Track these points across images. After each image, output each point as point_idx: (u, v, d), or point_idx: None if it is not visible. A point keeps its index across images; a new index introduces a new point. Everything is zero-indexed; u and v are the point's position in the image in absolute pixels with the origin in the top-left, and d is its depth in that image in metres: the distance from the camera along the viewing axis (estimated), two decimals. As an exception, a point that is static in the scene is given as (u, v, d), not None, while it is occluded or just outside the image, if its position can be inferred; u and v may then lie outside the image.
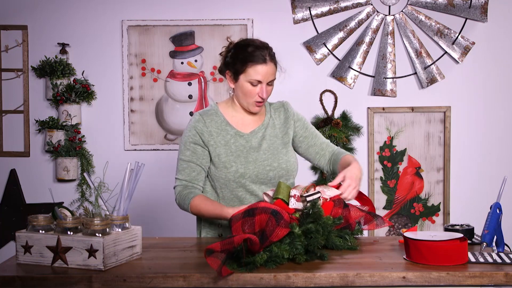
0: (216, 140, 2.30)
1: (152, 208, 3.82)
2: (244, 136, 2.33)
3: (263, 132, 2.36)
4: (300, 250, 1.84)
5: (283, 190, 2.06)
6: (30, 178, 3.82)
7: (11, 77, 3.81)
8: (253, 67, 2.22)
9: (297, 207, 2.02)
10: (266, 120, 2.39)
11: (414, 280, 1.76)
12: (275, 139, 2.36)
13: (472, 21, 3.73)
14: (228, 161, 2.28)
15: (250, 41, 2.29)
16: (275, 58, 2.28)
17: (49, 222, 1.94)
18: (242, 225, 1.89)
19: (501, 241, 1.98)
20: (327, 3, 3.75)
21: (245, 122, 2.36)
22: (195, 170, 2.29)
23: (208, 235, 2.39)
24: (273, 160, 2.32)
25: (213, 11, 3.76)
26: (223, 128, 2.33)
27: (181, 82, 3.79)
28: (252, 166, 2.29)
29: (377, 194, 3.80)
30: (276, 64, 2.28)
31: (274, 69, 2.26)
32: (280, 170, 2.33)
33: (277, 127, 2.39)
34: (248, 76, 2.23)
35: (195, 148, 2.29)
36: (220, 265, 1.71)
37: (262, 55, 2.22)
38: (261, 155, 2.31)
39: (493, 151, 3.80)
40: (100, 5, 3.78)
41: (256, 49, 2.23)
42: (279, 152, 2.34)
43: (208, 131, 2.30)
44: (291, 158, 2.36)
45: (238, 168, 2.28)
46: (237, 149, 2.30)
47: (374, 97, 3.78)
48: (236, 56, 2.26)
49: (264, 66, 2.22)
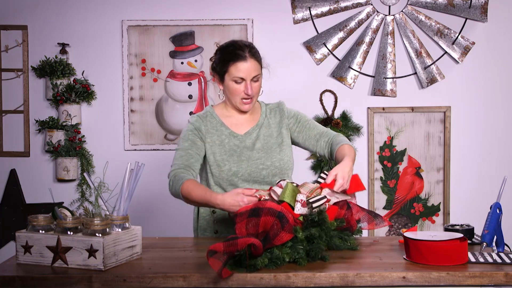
0: (212, 139, 2.36)
1: (152, 208, 3.82)
2: (238, 137, 2.38)
3: (257, 132, 2.40)
4: (301, 255, 1.84)
5: (289, 193, 2.03)
6: (30, 178, 3.82)
7: (11, 77, 3.81)
8: (234, 65, 2.29)
9: (303, 212, 2.01)
10: (260, 120, 2.44)
11: (414, 280, 1.76)
12: (269, 139, 2.40)
13: (472, 21, 3.73)
14: (222, 160, 2.33)
15: (232, 42, 2.37)
16: (258, 55, 2.35)
17: (49, 222, 1.95)
18: (247, 224, 1.88)
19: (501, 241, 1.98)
20: (327, 3, 3.75)
21: (239, 123, 2.42)
22: (193, 157, 2.32)
23: (205, 232, 2.41)
24: (266, 158, 2.36)
25: (213, 11, 3.76)
26: (218, 128, 2.39)
27: (181, 82, 3.79)
28: (245, 165, 2.33)
29: (377, 194, 3.80)
30: (258, 60, 2.34)
31: (256, 65, 2.32)
32: (274, 168, 2.36)
33: (272, 127, 2.43)
34: (231, 75, 2.30)
35: (195, 139, 2.35)
36: (221, 267, 1.70)
37: (242, 53, 2.29)
38: (254, 154, 2.36)
39: (493, 151, 3.79)
40: (100, 5, 3.78)
41: (236, 48, 2.31)
42: (273, 151, 2.38)
43: (205, 129, 2.37)
44: (285, 157, 2.39)
45: (231, 167, 2.33)
46: (231, 149, 2.35)
47: (374, 97, 3.78)
48: (219, 58, 2.35)
49: (244, 63, 2.29)
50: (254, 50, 2.34)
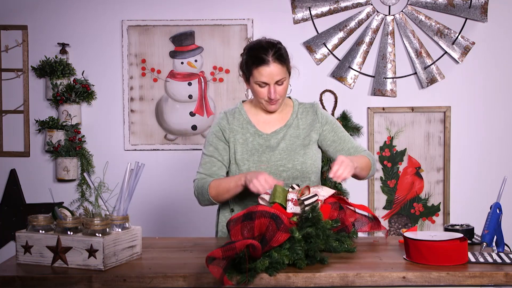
0: (236, 137, 2.34)
1: (152, 208, 3.82)
2: (263, 136, 2.35)
3: (284, 133, 2.36)
4: (300, 255, 1.82)
5: (280, 194, 2.04)
6: (30, 178, 3.82)
7: (11, 77, 3.81)
8: (257, 69, 2.25)
9: (295, 211, 2.00)
10: (290, 120, 2.39)
11: (414, 280, 1.76)
12: (295, 140, 2.35)
13: (472, 21, 3.73)
14: (242, 159, 2.31)
15: (256, 43, 2.31)
16: (283, 57, 2.27)
17: (49, 222, 1.95)
18: (241, 229, 1.86)
19: (501, 241, 1.98)
20: (327, 3, 3.75)
21: (267, 121, 2.38)
22: (215, 165, 2.34)
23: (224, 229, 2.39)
24: (288, 161, 2.31)
25: (213, 11, 3.76)
26: (244, 126, 2.36)
27: (181, 82, 3.79)
28: (264, 166, 2.30)
29: (377, 194, 3.80)
30: (283, 63, 2.27)
31: (279, 69, 2.25)
32: (295, 171, 2.31)
33: (301, 128, 2.38)
34: (255, 79, 2.27)
35: (218, 143, 2.35)
36: (222, 273, 1.68)
37: (265, 57, 2.23)
38: (276, 155, 2.31)
39: (493, 151, 3.79)
40: (100, 5, 3.78)
41: (260, 51, 2.25)
42: (296, 153, 2.33)
43: (230, 128, 2.35)
44: (309, 160, 2.33)
45: (250, 167, 2.30)
46: (253, 148, 2.32)
47: (374, 97, 3.78)
48: (245, 59, 2.30)
49: (267, 67, 2.23)
50: (279, 52, 2.26)
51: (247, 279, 1.71)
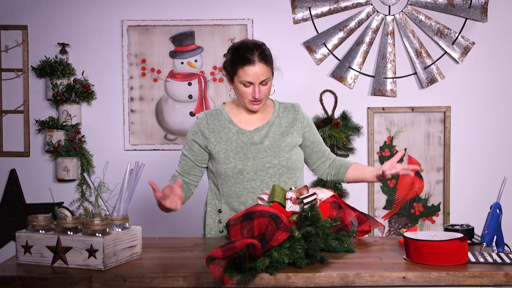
0: (218, 137, 2.36)
1: (152, 208, 3.81)
2: (247, 133, 2.37)
3: (267, 130, 2.39)
4: (300, 254, 1.83)
5: (278, 193, 2.04)
6: (30, 178, 3.82)
7: (11, 77, 3.81)
8: (242, 69, 2.28)
9: (294, 210, 2.00)
10: (272, 118, 2.42)
11: (414, 280, 1.76)
12: (279, 137, 2.39)
13: (472, 21, 3.73)
14: (227, 157, 2.33)
15: (242, 43, 2.35)
16: (268, 58, 2.32)
17: (49, 222, 1.95)
18: (241, 229, 1.87)
19: (501, 241, 1.98)
20: (327, 3, 3.75)
21: (249, 121, 2.41)
22: (188, 164, 2.43)
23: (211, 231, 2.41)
24: (274, 157, 2.34)
25: (213, 11, 3.76)
26: (226, 126, 2.39)
27: (181, 82, 3.79)
28: (251, 163, 2.32)
29: (377, 194, 3.80)
30: (268, 63, 2.31)
31: (265, 69, 2.29)
32: (281, 167, 2.35)
33: (283, 126, 2.42)
34: (240, 78, 2.30)
35: (192, 145, 2.41)
36: (222, 273, 1.68)
37: (250, 57, 2.27)
38: (261, 151, 2.34)
39: (493, 151, 3.79)
40: (100, 5, 3.78)
41: (246, 51, 2.29)
42: (282, 149, 2.36)
43: (210, 128, 2.38)
44: (293, 156, 2.38)
45: (236, 164, 2.32)
46: (238, 146, 2.35)
47: (374, 97, 3.78)
48: (230, 59, 2.34)
49: (252, 67, 2.27)
50: (264, 53, 2.30)
51: (247, 278, 1.72)
